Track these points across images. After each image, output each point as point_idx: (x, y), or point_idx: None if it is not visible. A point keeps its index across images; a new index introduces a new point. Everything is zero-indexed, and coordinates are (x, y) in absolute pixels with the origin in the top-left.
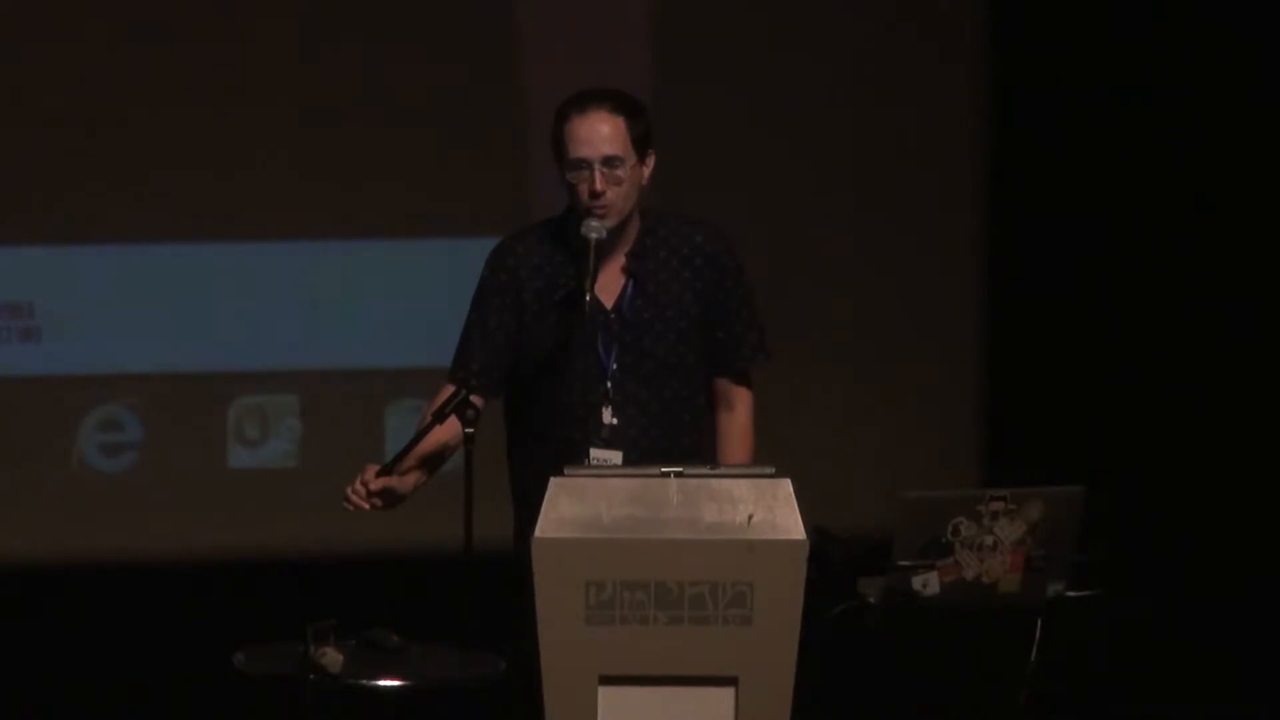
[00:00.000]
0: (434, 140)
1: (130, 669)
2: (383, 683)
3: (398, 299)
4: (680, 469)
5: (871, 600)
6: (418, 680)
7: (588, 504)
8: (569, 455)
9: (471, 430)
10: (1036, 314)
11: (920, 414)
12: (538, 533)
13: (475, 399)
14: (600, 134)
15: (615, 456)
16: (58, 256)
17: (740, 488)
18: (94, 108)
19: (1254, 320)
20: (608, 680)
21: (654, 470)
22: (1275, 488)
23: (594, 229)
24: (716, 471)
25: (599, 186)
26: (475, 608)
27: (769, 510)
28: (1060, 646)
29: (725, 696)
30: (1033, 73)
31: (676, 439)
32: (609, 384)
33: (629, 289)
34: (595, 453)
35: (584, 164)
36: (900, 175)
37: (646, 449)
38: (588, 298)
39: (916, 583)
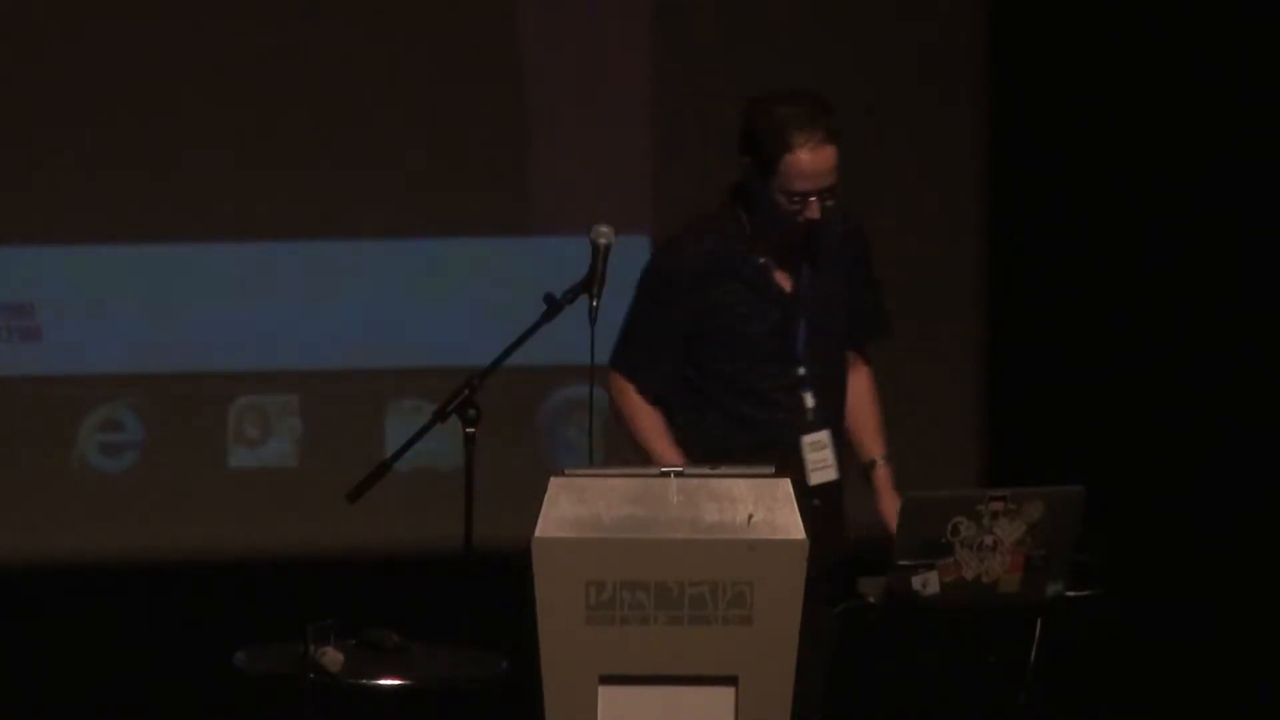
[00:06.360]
0: (434, 140)
1: (130, 669)
2: (383, 683)
3: (397, 299)
4: (680, 468)
5: (871, 600)
6: (418, 680)
7: (587, 504)
8: (774, 440)
9: (472, 430)
10: (1036, 314)
11: (920, 414)
12: (538, 532)
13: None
14: (827, 168)
15: (824, 436)
16: (58, 256)
17: (740, 487)
18: (94, 108)
19: (1254, 320)
20: (608, 680)
21: (654, 470)
22: (1275, 488)
23: (603, 234)
24: (716, 471)
25: (816, 215)
26: (475, 608)
27: (769, 510)
28: (1060, 646)
29: (725, 696)
30: (1032, 73)
31: (840, 411)
32: (801, 368)
33: (805, 271)
34: (805, 438)
35: (807, 195)
36: (900, 175)
37: (835, 424)
38: (594, 304)
39: (916, 583)
